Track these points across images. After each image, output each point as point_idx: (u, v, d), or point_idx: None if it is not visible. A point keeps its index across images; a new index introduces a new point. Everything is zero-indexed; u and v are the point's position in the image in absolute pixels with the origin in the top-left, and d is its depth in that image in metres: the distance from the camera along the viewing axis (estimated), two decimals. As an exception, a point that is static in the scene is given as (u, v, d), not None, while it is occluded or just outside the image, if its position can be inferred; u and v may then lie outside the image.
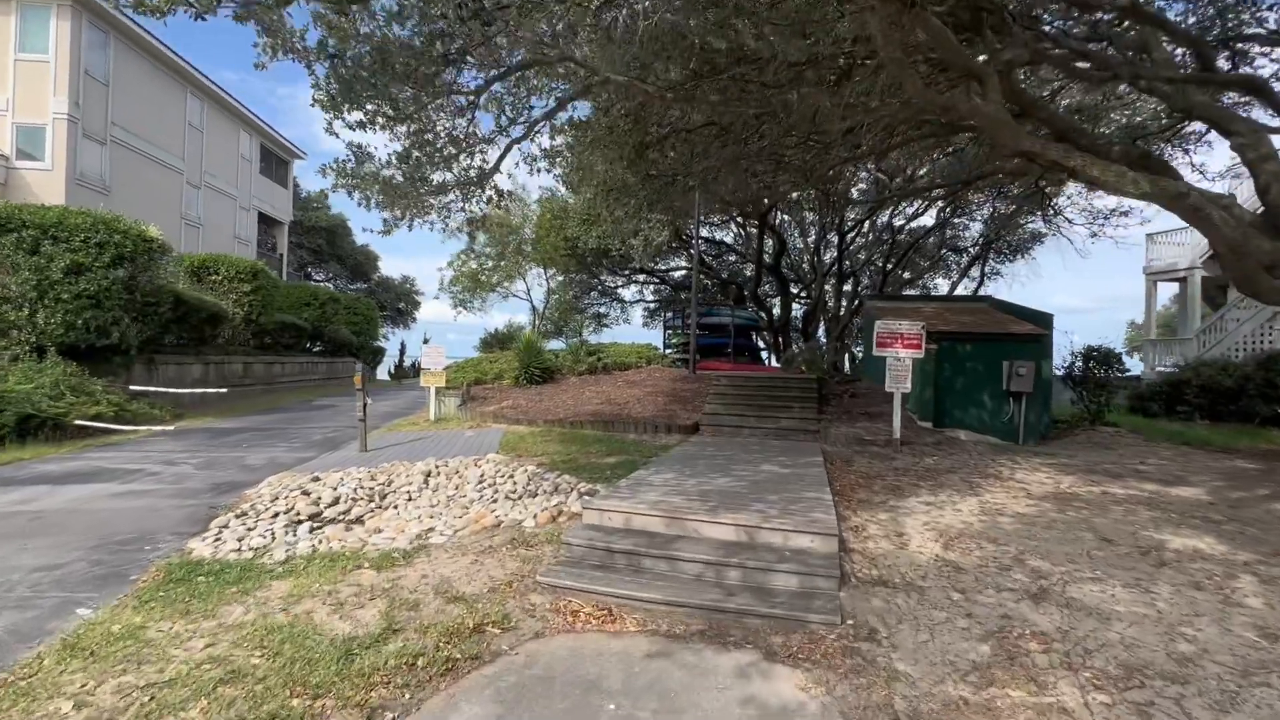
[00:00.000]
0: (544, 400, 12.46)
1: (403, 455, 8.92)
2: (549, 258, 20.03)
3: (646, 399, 11.91)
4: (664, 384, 13.02)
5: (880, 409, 10.91)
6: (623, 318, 30.47)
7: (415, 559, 4.64)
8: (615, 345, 17.14)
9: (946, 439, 9.57)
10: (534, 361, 14.68)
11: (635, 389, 12.78)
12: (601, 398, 12.23)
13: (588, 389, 13.22)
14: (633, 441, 9.42)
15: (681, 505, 5.19)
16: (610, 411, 11.13)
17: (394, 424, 12.42)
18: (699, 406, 11.30)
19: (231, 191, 20.66)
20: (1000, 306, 12.73)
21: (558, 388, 13.75)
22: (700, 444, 9.11)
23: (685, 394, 12.12)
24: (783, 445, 9.03)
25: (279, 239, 24.04)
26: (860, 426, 9.94)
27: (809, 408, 10.87)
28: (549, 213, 18.82)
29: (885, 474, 7.39)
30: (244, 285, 15.95)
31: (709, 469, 7.02)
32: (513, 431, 10.41)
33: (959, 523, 5.49)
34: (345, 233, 30.28)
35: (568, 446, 9.03)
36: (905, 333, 8.54)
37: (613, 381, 13.75)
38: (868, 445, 8.96)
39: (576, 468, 7.67)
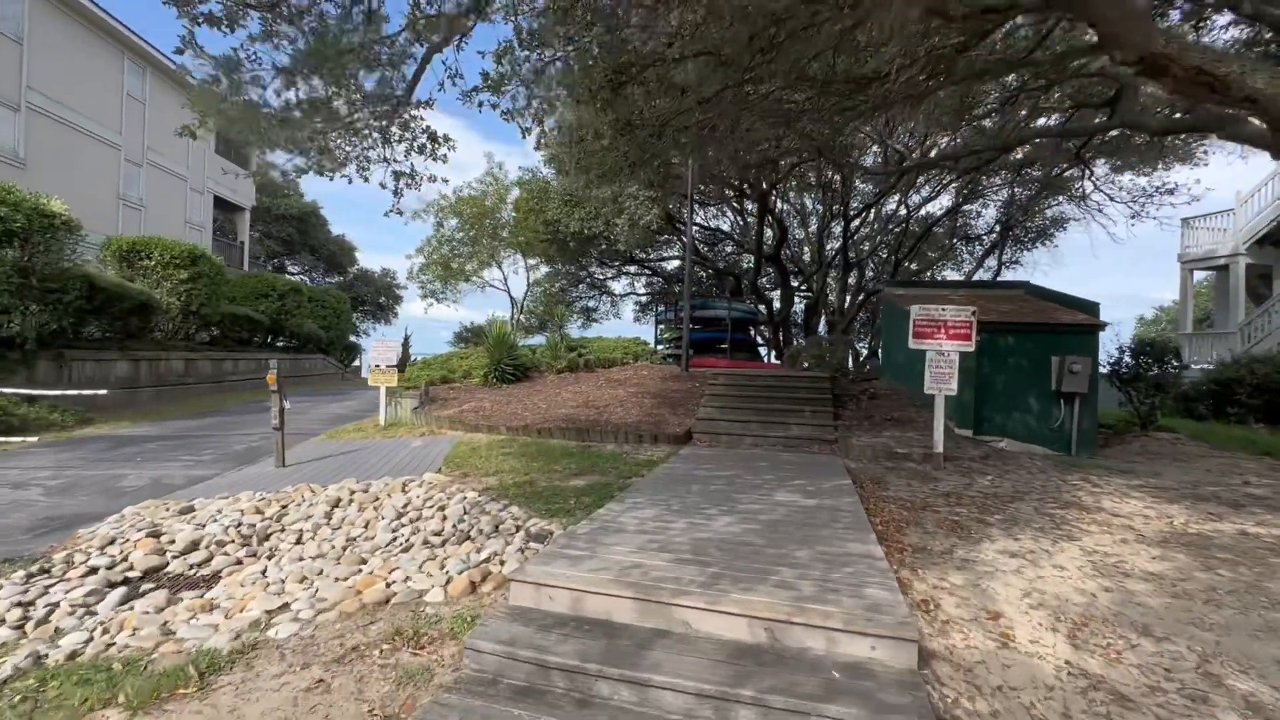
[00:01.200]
0: (513, 402, 10.62)
1: (324, 473, 7.08)
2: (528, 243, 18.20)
3: (631, 401, 10.08)
4: (652, 383, 11.19)
5: (907, 414, 9.12)
6: (613, 312, 28.72)
7: (223, 676, 2.80)
8: (600, 340, 15.30)
9: (994, 451, 7.79)
10: (506, 358, 12.83)
11: (619, 389, 10.95)
12: (579, 399, 10.39)
13: (565, 389, 11.39)
14: (611, 455, 7.60)
15: (664, 572, 3.37)
16: (587, 416, 9.30)
17: (337, 430, 10.56)
18: (692, 410, 9.48)
19: (181, 171, 18.67)
20: (1037, 293, 10.96)
21: (531, 387, 11.91)
22: (694, 458, 7.29)
23: (676, 395, 10.30)
24: (796, 461, 7.22)
25: (239, 226, 22.05)
26: (887, 436, 8.14)
27: (822, 412, 9.07)
28: (528, 194, 16.97)
29: (934, 502, 5.59)
30: (180, 272, 14.01)
31: (705, 499, 5.20)
32: (468, 441, 8.57)
33: (1072, 590, 3.69)
34: (319, 222, 28.26)
35: (529, 462, 7.19)
36: (951, 320, 6.75)
37: (595, 380, 11.91)
38: (901, 461, 7.16)
39: (532, 494, 5.83)
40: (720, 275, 23.26)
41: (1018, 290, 11.12)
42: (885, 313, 11.36)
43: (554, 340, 14.24)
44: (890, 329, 11.07)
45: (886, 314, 11.28)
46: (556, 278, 25.21)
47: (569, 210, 15.33)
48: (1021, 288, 11.15)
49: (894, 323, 10.96)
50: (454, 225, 19.79)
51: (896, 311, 10.65)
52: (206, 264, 14.68)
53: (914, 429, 8.43)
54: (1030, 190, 17.70)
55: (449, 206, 19.15)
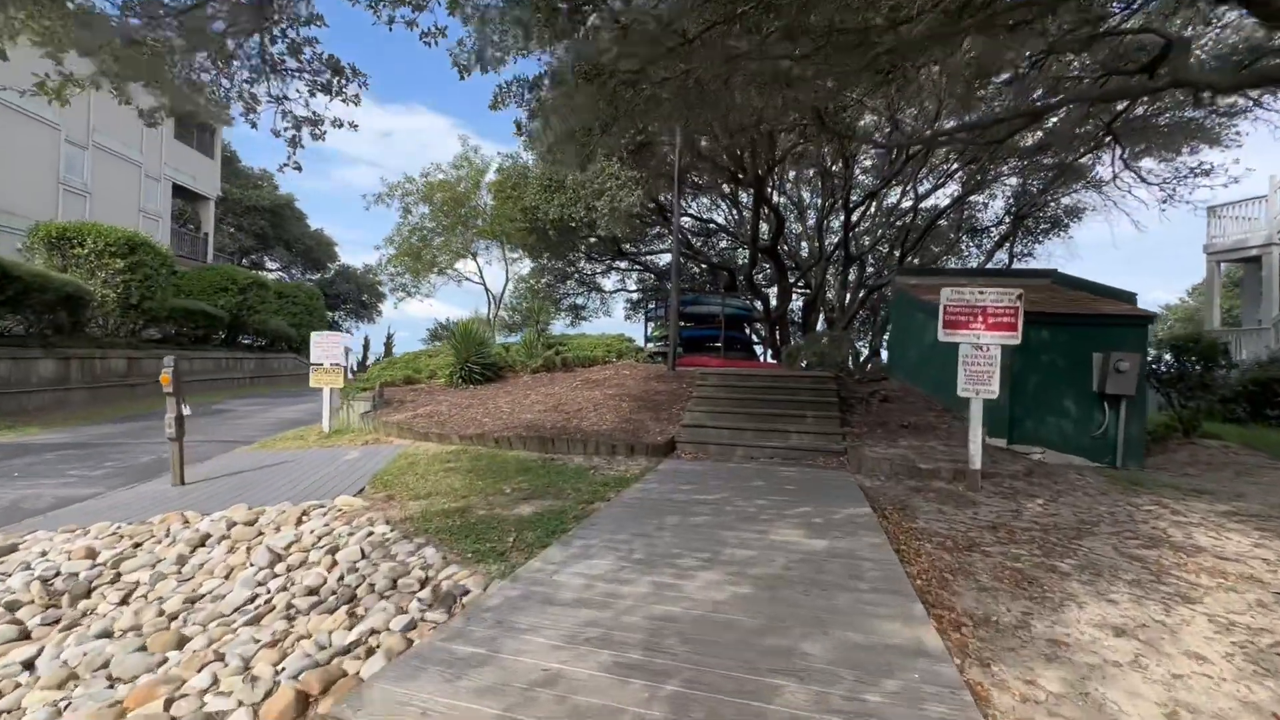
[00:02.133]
0: (475, 406, 9.27)
1: (224, 494, 5.74)
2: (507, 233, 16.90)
3: (608, 404, 8.74)
4: (634, 384, 9.86)
5: (925, 419, 7.80)
6: (603, 310, 27.29)
7: None
8: (582, 337, 13.97)
9: (1035, 465, 6.47)
10: (474, 357, 11.49)
11: (596, 390, 9.60)
12: (550, 402, 9.05)
13: (537, 390, 10.04)
14: (575, 471, 6.26)
15: (594, 696, 2.03)
16: (555, 423, 7.95)
17: (275, 438, 9.20)
18: (677, 416, 8.15)
19: (134, 156, 17.26)
20: (1066, 281, 9.67)
21: (501, 389, 10.57)
22: (674, 476, 5.96)
23: (660, 397, 8.96)
24: (799, 478, 5.89)
25: (203, 217, 20.61)
26: (905, 446, 6.82)
27: (827, 417, 7.74)
28: (505, 179, 15.62)
29: (982, 539, 4.27)
30: (116, 261, 12.60)
31: (680, 538, 3.86)
32: (412, 453, 7.22)
33: (1238, 705, 2.38)
34: (294, 215, 26.77)
35: (473, 481, 5.84)
36: (991, 307, 5.43)
37: (571, 381, 10.57)
38: (928, 480, 5.84)
39: (462, 528, 4.48)
40: (714, 270, 21.96)
41: (1044, 278, 9.83)
42: (896, 305, 10.06)
43: (529, 338, 12.90)
44: (902, 322, 9.76)
45: (897, 306, 9.98)
46: (542, 273, 23.86)
47: (548, 196, 13.98)
48: (1048, 276, 9.85)
49: (906, 315, 9.65)
50: (424, 213, 18.37)
51: (909, 303, 9.35)
52: (148, 253, 13.27)
53: (936, 437, 7.11)
54: (1042, 179, 16.43)
55: (417, 192, 17.76)
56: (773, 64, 6.92)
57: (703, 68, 6.29)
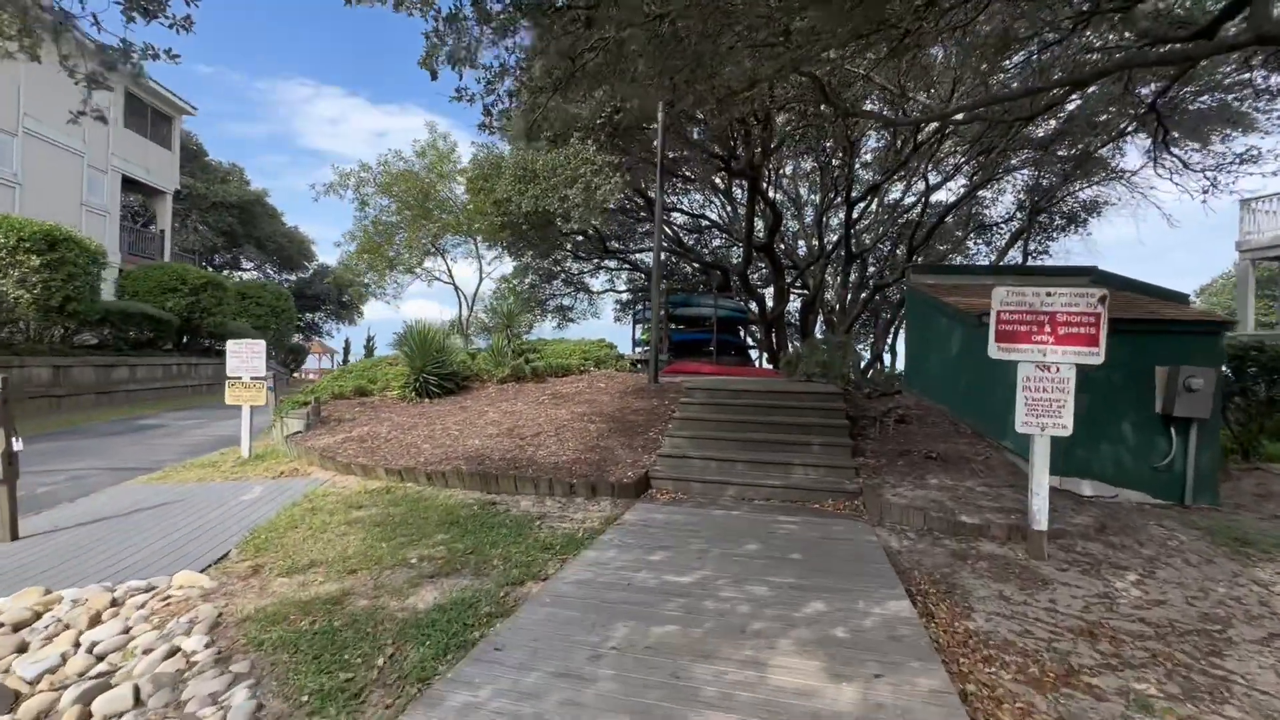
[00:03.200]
0: (420, 427, 7.82)
1: (61, 554, 4.37)
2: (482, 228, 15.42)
3: (575, 426, 7.30)
4: (609, 399, 8.43)
5: (955, 446, 6.38)
6: (591, 311, 25.88)
7: None
8: (559, 343, 12.54)
9: (1106, 514, 5.06)
10: (430, 366, 10.06)
11: (564, 407, 8.17)
12: (507, 423, 7.61)
13: (498, 406, 8.61)
14: (516, 523, 4.82)
15: None
16: (506, 452, 6.51)
17: (186, 465, 7.77)
18: (655, 441, 6.71)
19: (74, 145, 15.72)
20: (1109, 280, 8.28)
21: (457, 404, 9.14)
22: (642, 534, 4.53)
23: (637, 416, 7.53)
24: (806, 538, 4.46)
25: (159, 212, 19.05)
26: (936, 486, 5.41)
27: (836, 445, 6.32)
28: (480, 171, 14.17)
29: (1079, 657, 2.86)
30: (32, 258, 11.11)
31: (627, 688, 2.43)
32: (322, 493, 5.79)
33: None
34: (266, 212, 25.18)
35: (375, 543, 4.40)
36: (1063, 312, 4.02)
37: (537, 394, 9.14)
38: (973, 540, 4.43)
39: (318, 641, 3.04)
40: (707, 268, 20.57)
41: (1083, 276, 8.44)
42: (911, 307, 8.66)
43: (498, 344, 11.46)
44: (919, 328, 8.36)
45: (913, 309, 8.58)
46: (526, 272, 22.43)
47: (521, 187, 12.53)
48: (1088, 274, 8.46)
49: (924, 320, 8.25)
50: (385, 205, 16.77)
51: (928, 305, 7.95)
52: (72, 249, 11.77)
53: (972, 474, 5.70)
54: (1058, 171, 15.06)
55: (374, 181, 16.14)
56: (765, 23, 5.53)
57: (677, 9, 4.87)
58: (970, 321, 6.64)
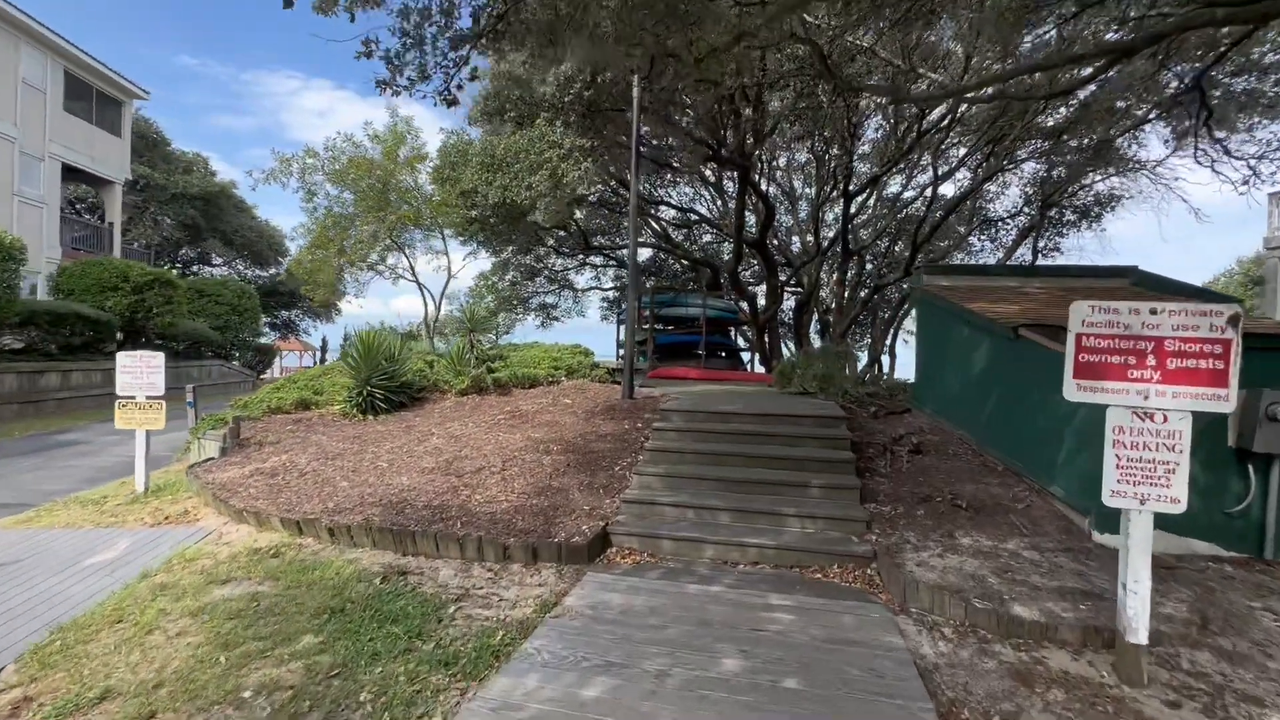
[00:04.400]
0: (347, 455, 6.57)
1: None
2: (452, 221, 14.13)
3: (525, 458, 6.06)
4: (574, 420, 7.19)
5: (987, 488, 5.18)
6: (576, 310, 24.61)
7: None
8: (530, 348, 11.29)
9: (1205, 600, 3.86)
10: (377, 378, 8.80)
11: (519, 430, 6.92)
12: (448, 452, 6.36)
13: (445, 428, 7.36)
14: (423, 610, 3.59)
15: None
16: (436, 494, 5.26)
17: (68, 500, 6.51)
18: (620, 478, 5.48)
19: (4, 130, 14.25)
20: (1151, 283, 7.11)
21: (403, 423, 7.89)
22: (586, 639, 3.29)
23: (603, 444, 6.30)
24: (804, 644, 3.22)
25: (109, 203, 17.58)
26: (970, 551, 4.20)
27: (841, 486, 5.11)
28: (446, 160, 12.84)
29: None
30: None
31: None
32: (195, 553, 4.54)
33: None
34: (233, 204, 23.64)
35: (215, 653, 3.15)
36: (1175, 339, 2.82)
37: (496, 411, 7.90)
38: (1037, 647, 3.22)
39: None
40: (695, 266, 19.35)
41: (1121, 278, 7.26)
42: (923, 313, 7.46)
43: (458, 350, 10.19)
44: (933, 337, 7.16)
45: (925, 315, 7.38)
46: (505, 269, 21.13)
47: (488, 176, 11.24)
48: (1127, 275, 7.28)
49: (939, 328, 7.06)
50: (336, 195, 15.25)
51: (944, 312, 6.75)
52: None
53: (1013, 530, 4.50)
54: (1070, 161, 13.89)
55: (322, 168, 14.61)
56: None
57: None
58: (1002, 334, 5.44)
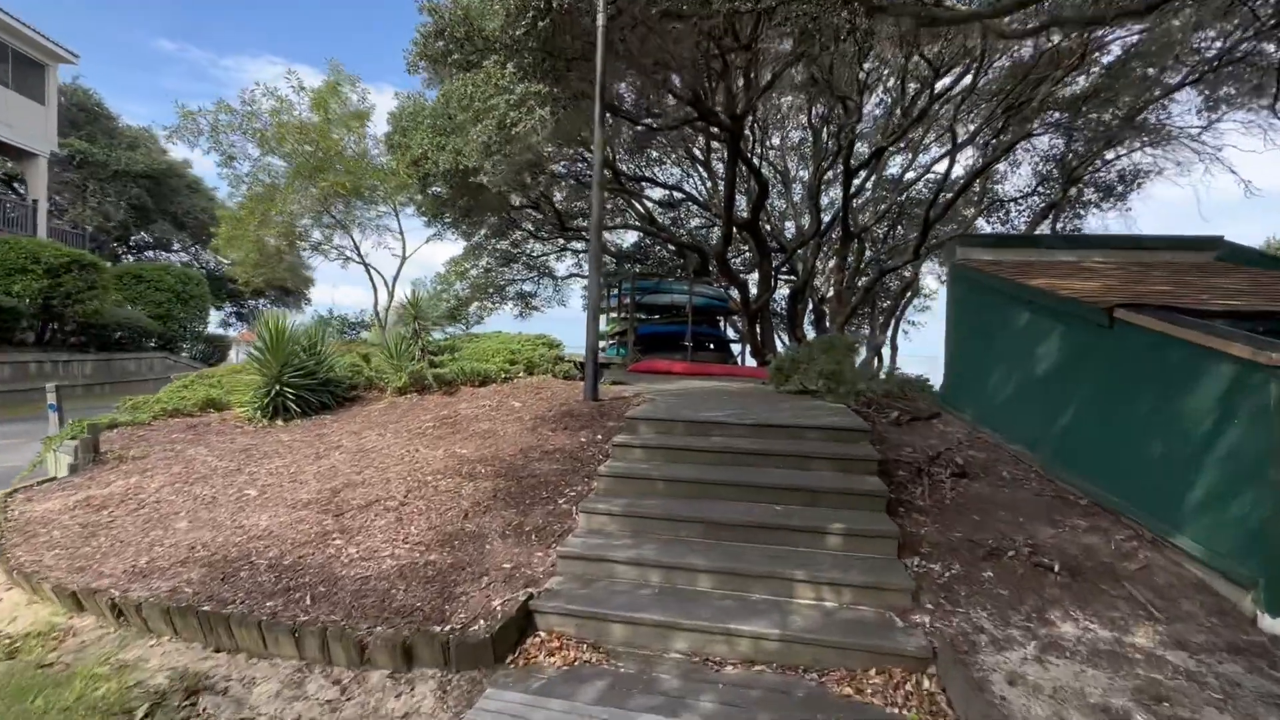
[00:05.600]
0: (214, 478, 4.96)
1: None
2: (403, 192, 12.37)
3: (440, 484, 4.48)
4: (519, 428, 5.61)
5: (1073, 534, 3.64)
6: (557, 299, 22.95)
7: None
8: (487, 338, 9.66)
9: None
10: (290, 374, 7.21)
11: (447, 443, 5.33)
12: (342, 475, 4.76)
13: (359, 439, 5.76)
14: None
15: None
16: (293, 544, 3.67)
17: None
18: (564, 515, 3.92)
19: (-109, 90, 12.32)
20: (1241, 255, 5.63)
21: (313, 431, 6.29)
22: None
23: (550, 463, 4.73)
24: None
25: (31, 178, 15.66)
26: (1084, 649, 2.69)
27: (870, 533, 3.56)
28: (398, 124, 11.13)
29: None
30: None
31: None
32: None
33: None
34: (185, 183, 21.67)
35: None
36: None
37: (429, 416, 6.30)
38: None
39: None
40: (683, 250, 17.75)
41: (1207, 250, 5.76)
42: (961, 295, 5.92)
43: (398, 340, 8.56)
44: (973, 321, 5.64)
45: (965, 297, 5.85)
46: (478, 253, 19.44)
47: (440, 140, 9.56)
48: (1213, 247, 5.78)
49: (979, 311, 5.54)
50: (261, 160, 13.22)
51: (995, 292, 5.22)
52: None
53: (1138, 608, 2.98)
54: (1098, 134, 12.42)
55: (242, 127, 12.45)
56: None
57: None
58: (1093, 319, 3.91)
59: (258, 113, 11.74)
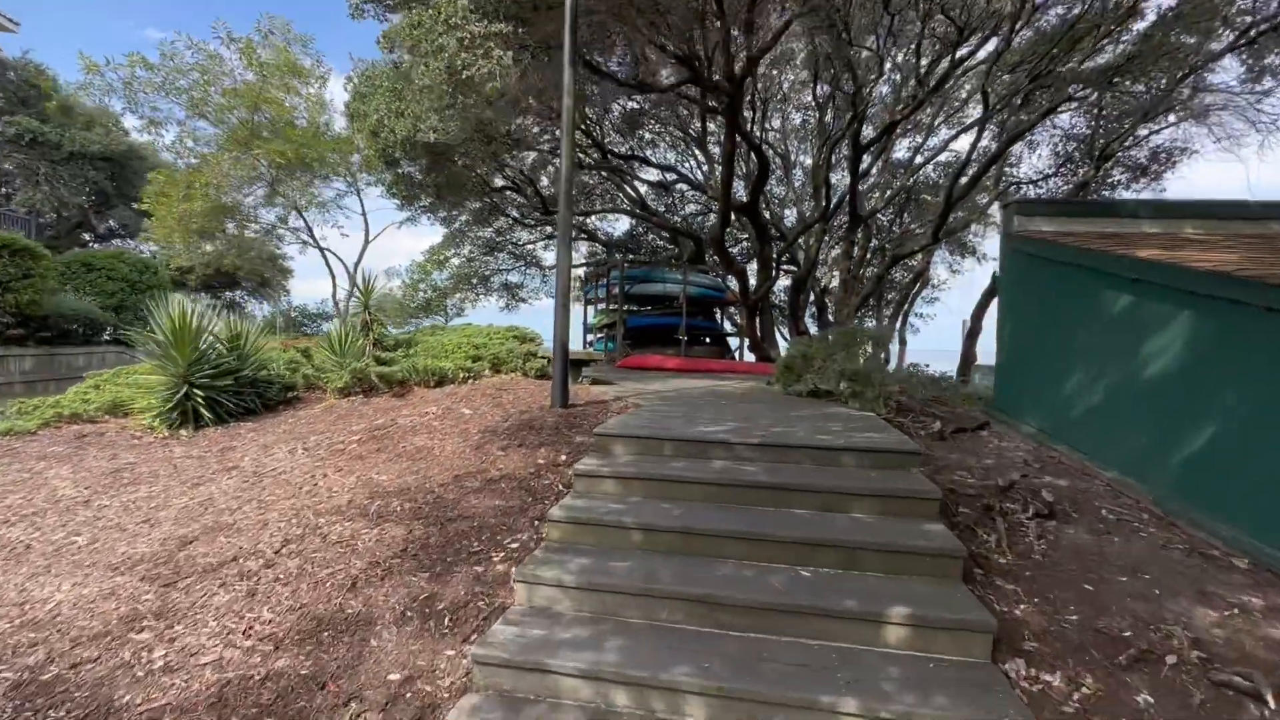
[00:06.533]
0: (46, 516, 3.70)
1: None
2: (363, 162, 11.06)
3: (329, 529, 3.24)
4: (460, 444, 4.38)
5: (1252, 618, 2.46)
6: (545, 289, 21.68)
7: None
8: (453, 331, 8.40)
9: None
10: (203, 373, 5.98)
11: (362, 466, 4.10)
12: (203, 517, 3.52)
13: (264, 456, 4.52)
14: None
15: None
16: (72, 643, 2.43)
17: None
18: (498, 584, 2.70)
19: None
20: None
21: (220, 443, 5.06)
22: None
23: (489, 496, 3.51)
24: None
25: (-33, 157, 14.30)
26: None
27: (945, 615, 2.37)
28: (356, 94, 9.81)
29: None
30: None
31: None
32: None
33: None
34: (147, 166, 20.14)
35: None
36: None
37: (359, 426, 5.06)
38: None
39: None
40: (677, 237, 16.50)
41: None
42: (1020, 274, 4.69)
43: (340, 334, 7.30)
44: (1041, 310, 4.41)
45: (1024, 276, 4.63)
46: (460, 241, 18.18)
47: (398, 105, 8.27)
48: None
49: (1055, 295, 4.32)
50: (186, 123, 11.68)
51: (1070, 268, 4.00)
52: None
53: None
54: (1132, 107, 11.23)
55: (166, 86, 10.95)
56: None
57: None
58: (1252, 301, 2.70)
59: (184, 70, 10.30)
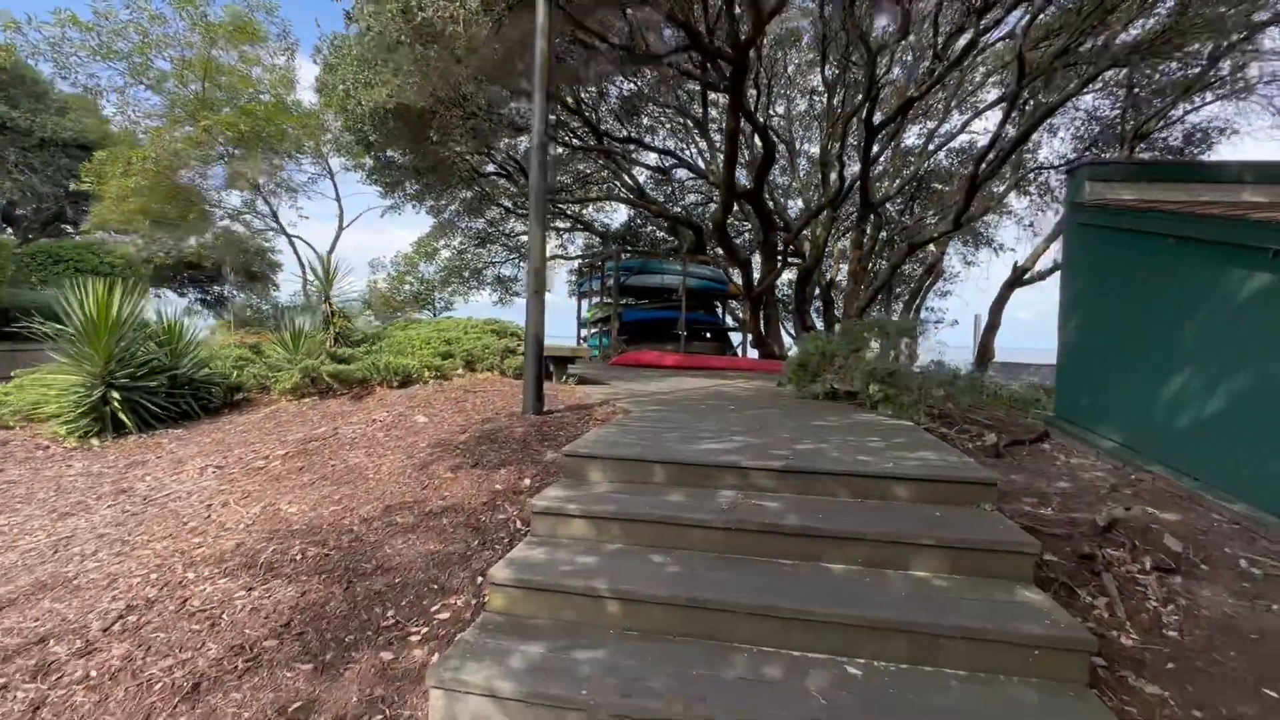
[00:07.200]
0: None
1: None
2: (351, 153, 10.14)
3: (200, 589, 2.40)
4: (402, 462, 3.53)
5: None
6: (540, 283, 20.75)
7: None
8: (424, 325, 7.52)
9: None
10: (126, 371, 5.15)
11: (278, 488, 3.25)
12: (39, 572, 2.67)
13: (169, 476, 3.67)
14: None
15: None
16: None
17: None
18: (416, 677, 1.86)
19: None
20: None
21: (132, 456, 4.22)
22: None
23: (423, 538, 2.67)
24: None
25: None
26: None
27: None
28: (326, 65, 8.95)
29: None
30: None
31: None
32: None
33: None
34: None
35: None
36: None
37: (294, 435, 4.20)
38: None
39: None
40: (676, 227, 15.60)
41: None
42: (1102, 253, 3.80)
43: (295, 329, 6.44)
44: (1125, 295, 3.52)
45: (1104, 255, 3.74)
46: (450, 232, 17.33)
47: (366, 75, 7.39)
48: None
49: (1144, 277, 3.44)
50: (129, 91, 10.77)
51: (1171, 243, 3.13)
52: None
53: None
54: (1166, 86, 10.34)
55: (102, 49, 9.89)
56: None
57: None
58: None
59: (120, 29, 9.38)
